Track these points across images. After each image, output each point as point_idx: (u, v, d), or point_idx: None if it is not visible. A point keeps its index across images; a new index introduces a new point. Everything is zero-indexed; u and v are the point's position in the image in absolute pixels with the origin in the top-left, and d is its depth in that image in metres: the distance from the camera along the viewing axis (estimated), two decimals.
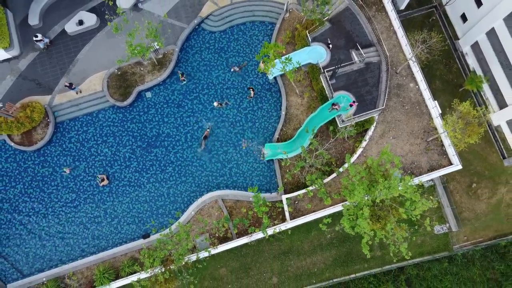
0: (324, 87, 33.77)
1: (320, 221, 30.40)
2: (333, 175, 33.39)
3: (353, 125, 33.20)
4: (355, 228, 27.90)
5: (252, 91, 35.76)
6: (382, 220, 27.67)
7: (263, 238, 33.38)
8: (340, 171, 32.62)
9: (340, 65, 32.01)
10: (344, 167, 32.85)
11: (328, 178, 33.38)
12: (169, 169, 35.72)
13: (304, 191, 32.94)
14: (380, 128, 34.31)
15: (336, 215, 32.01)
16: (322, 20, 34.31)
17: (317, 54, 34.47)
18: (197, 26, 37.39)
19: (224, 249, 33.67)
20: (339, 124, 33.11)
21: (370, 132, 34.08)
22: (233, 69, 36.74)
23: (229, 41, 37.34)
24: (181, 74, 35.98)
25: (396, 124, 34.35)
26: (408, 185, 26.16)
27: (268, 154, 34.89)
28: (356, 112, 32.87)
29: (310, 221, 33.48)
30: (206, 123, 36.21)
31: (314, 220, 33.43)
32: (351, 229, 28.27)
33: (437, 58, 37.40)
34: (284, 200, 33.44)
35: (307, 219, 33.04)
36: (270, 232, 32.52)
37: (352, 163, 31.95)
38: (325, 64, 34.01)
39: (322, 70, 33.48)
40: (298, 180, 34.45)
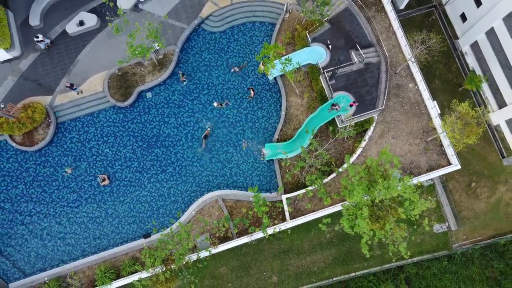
0: (324, 88, 33.85)
1: (320, 221, 30.51)
2: (333, 175, 33.52)
3: (353, 126, 33.31)
4: (355, 228, 28.01)
5: (252, 92, 35.86)
6: (381, 220, 27.74)
7: (263, 238, 33.57)
8: (340, 171, 32.74)
9: (340, 66, 32.05)
10: (344, 167, 32.93)
11: (328, 178, 33.51)
12: (170, 169, 35.88)
13: (304, 191, 33.06)
14: (380, 128, 34.42)
15: (336, 215, 32.15)
16: (322, 21, 34.35)
17: (317, 55, 34.55)
18: (197, 27, 37.48)
19: (225, 248, 33.85)
20: (339, 125, 33.20)
21: (370, 132, 34.18)
22: (233, 70, 36.84)
23: (229, 42, 37.43)
24: (182, 75, 36.07)
25: (396, 124, 34.46)
26: (407, 185, 26.26)
27: (268, 154, 35.02)
28: (356, 113, 32.95)
29: (310, 221, 33.60)
30: (206, 123, 36.37)
31: (314, 220, 33.54)
32: (351, 229, 28.38)
33: (437, 58, 37.46)
34: (284, 200, 33.60)
35: (307, 219, 33.19)
36: (270, 232, 32.70)
37: (352, 164, 32.10)
38: (325, 65, 34.09)
39: (322, 71, 33.54)
40: (298, 180, 34.57)
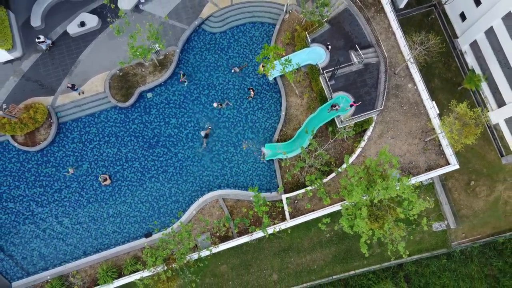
0: (324, 88, 34.02)
1: (320, 220, 30.74)
2: (332, 175, 33.76)
3: (352, 126, 33.49)
4: (354, 228, 28.25)
5: (252, 92, 36.01)
6: (380, 220, 27.97)
7: (264, 237, 33.85)
8: (339, 171, 32.95)
9: (339, 66, 32.18)
10: (343, 168, 33.14)
11: (327, 178, 33.74)
12: (171, 169, 36.14)
13: (304, 191, 33.26)
14: (379, 129, 34.60)
15: (335, 215, 32.43)
16: (322, 22, 34.45)
17: (317, 55, 34.65)
18: (198, 27, 37.59)
19: (225, 248, 34.19)
20: (338, 125, 33.39)
21: (369, 133, 34.35)
22: (234, 70, 36.99)
23: (230, 42, 37.56)
24: (182, 75, 36.19)
25: (395, 125, 34.65)
26: (406, 186, 26.48)
27: (268, 154, 35.25)
28: (355, 113, 33.09)
29: (310, 220, 33.84)
30: (207, 122, 36.59)
31: (314, 219, 33.80)
32: (350, 229, 28.61)
33: (436, 59, 37.56)
34: (284, 200, 33.85)
35: (307, 218, 33.46)
36: (270, 231, 32.98)
37: (351, 164, 32.34)
38: (325, 65, 34.21)
39: (322, 71, 33.67)
40: (298, 180, 34.81)
